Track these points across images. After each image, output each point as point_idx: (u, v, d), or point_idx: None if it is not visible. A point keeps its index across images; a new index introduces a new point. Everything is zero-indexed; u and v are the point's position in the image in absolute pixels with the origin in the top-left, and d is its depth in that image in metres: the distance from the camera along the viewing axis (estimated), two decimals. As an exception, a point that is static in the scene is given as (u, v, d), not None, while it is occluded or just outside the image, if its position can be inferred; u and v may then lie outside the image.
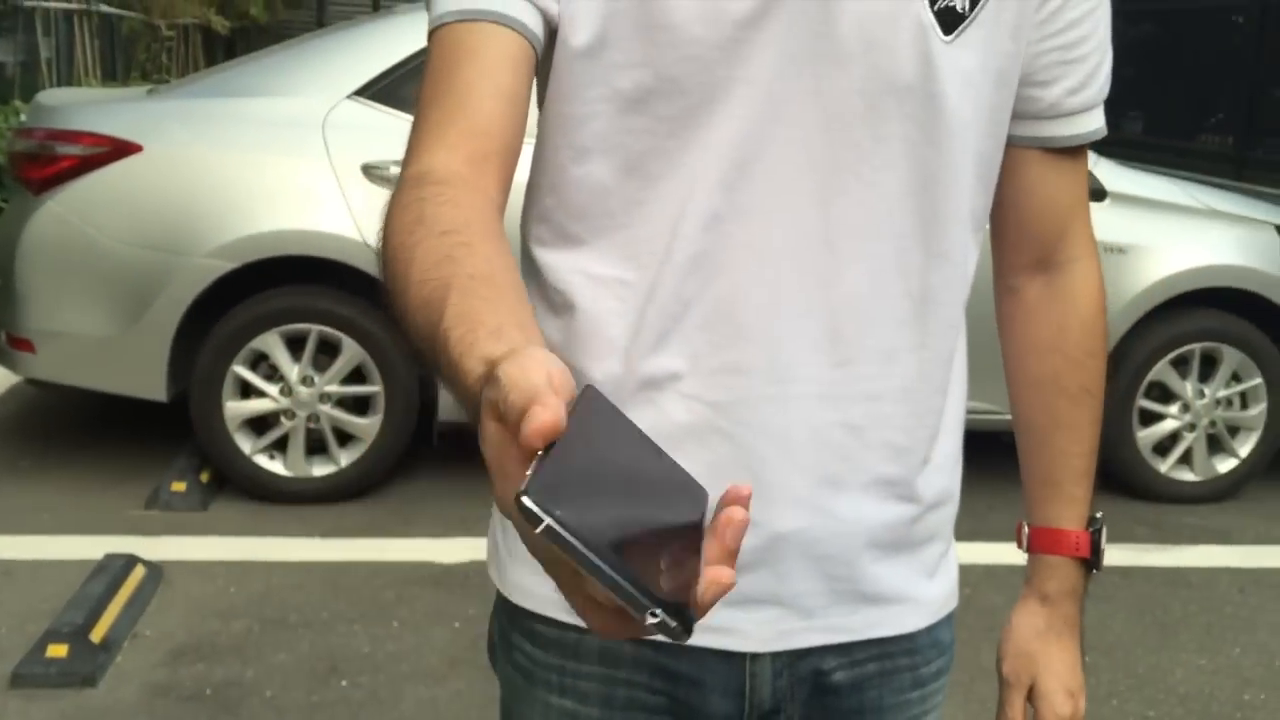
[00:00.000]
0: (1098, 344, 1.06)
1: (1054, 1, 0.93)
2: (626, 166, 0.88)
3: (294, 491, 3.74)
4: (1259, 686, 2.95)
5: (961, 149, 0.91)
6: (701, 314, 0.89)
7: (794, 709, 0.97)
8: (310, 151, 3.64)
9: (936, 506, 0.99)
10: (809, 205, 0.88)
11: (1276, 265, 4.06)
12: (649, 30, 0.85)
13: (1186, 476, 4.11)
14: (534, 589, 0.97)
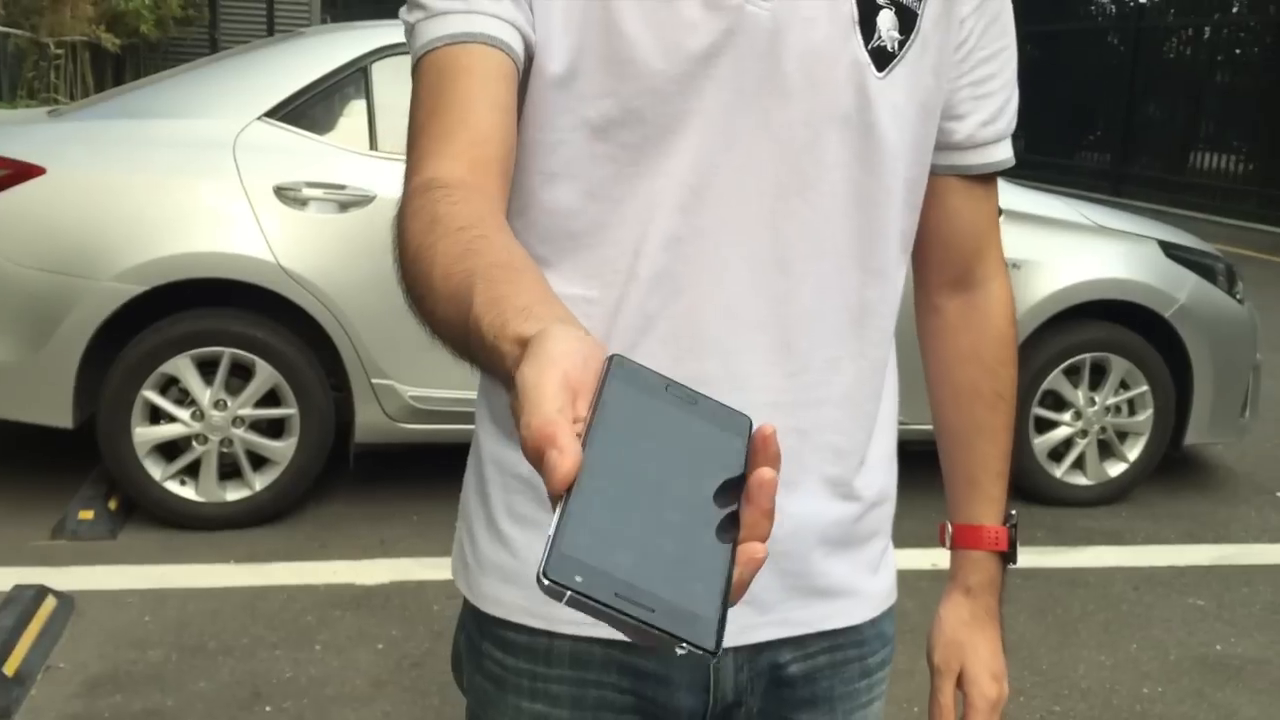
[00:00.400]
0: (1010, 354, 1.15)
1: (969, 43, 1.02)
2: (591, 191, 0.94)
3: (207, 517, 3.69)
4: (1156, 680, 3.10)
5: (893, 175, 0.99)
6: (664, 329, 0.95)
7: (753, 701, 1.03)
8: (221, 173, 3.61)
9: (877, 504, 1.07)
10: (760, 227, 0.94)
11: (1158, 278, 4.27)
12: (614, 64, 0.91)
13: (1080, 481, 4.28)
14: (503, 597, 1.01)
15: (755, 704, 1.04)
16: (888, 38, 0.95)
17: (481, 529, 1.04)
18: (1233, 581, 3.73)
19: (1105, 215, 4.51)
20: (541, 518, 0.99)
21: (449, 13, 0.89)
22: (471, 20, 0.89)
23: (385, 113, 3.79)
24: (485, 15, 0.89)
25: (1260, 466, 4.85)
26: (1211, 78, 14.11)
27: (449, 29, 0.89)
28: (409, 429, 3.78)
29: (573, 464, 0.54)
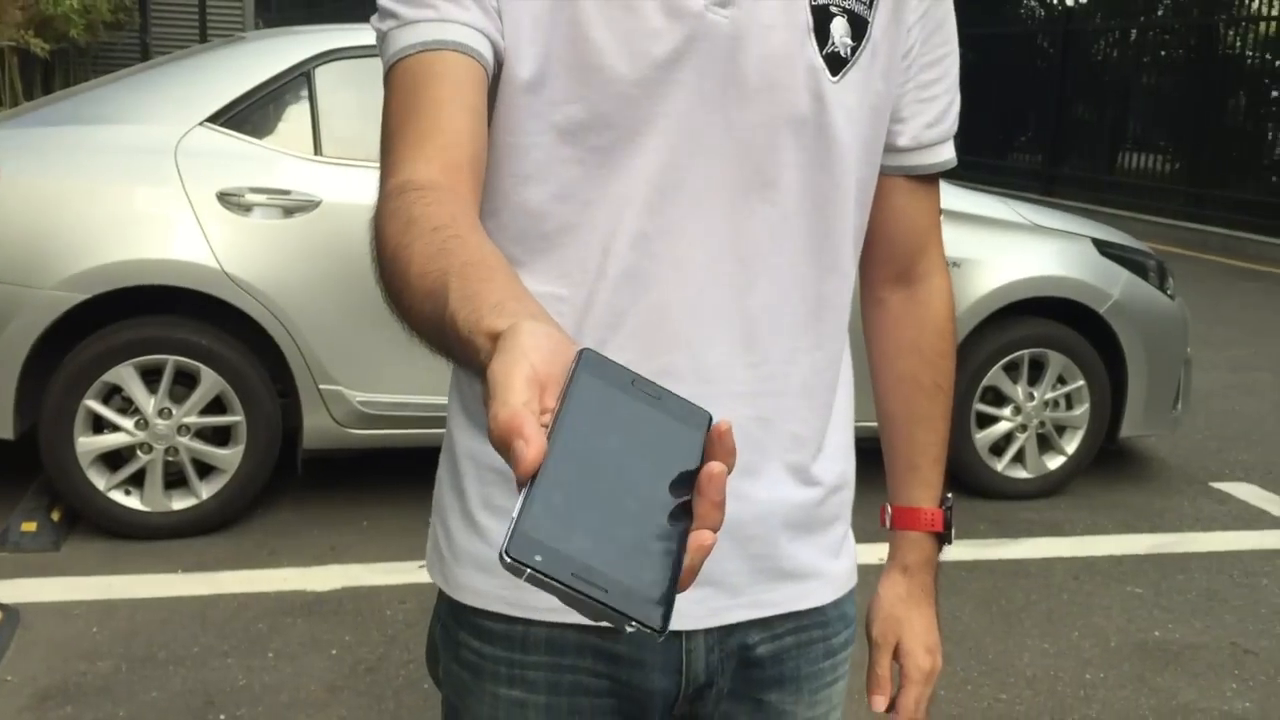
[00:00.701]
0: (949, 346, 1.20)
1: (914, 50, 1.07)
2: (561, 193, 0.97)
3: (153, 526, 3.65)
4: (1098, 666, 3.18)
5: (846, 174, 1.03)
6: (632, 325, 0.98)
7: (724, 681, 1.07)
8: (163, 179, 3.58)
9: (837, 490, 1.11)
10: (723, 224, 0.98)
11: (1093, 275, 4.37)
12: (581, 70, 0.94)
13: (1020, 474, 4.38)
14: (480, 587, 1.04)
15: (726, 684, 1.07)
16: (841, 44, 0.99)
17: (457, 521, 1.06)
18: (1169, 569, 3.83)
19: (1041, 214, 4.61)
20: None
21: (421, 21, 0.92)
22: (443, 28, 0.91)
23: (329, 117, 3.78)
24: (456, 23, 0.92)
25: (1192, 457, 4.99)
26: (1138, 79, 14.42)
27: (421, 36, 0.92)
28: (357, 434, 3.77)
29: (537, 453, 0.58)
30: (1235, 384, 6.26)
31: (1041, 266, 4.31)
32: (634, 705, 1.05)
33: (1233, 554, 3.98)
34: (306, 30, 3.97)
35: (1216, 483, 4.69)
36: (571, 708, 1.03)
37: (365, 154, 3.76)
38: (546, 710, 1.03)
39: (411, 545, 3.67)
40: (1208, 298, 8.26)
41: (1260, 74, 12.71)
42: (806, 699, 1.11)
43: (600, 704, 1.04)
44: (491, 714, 1.04)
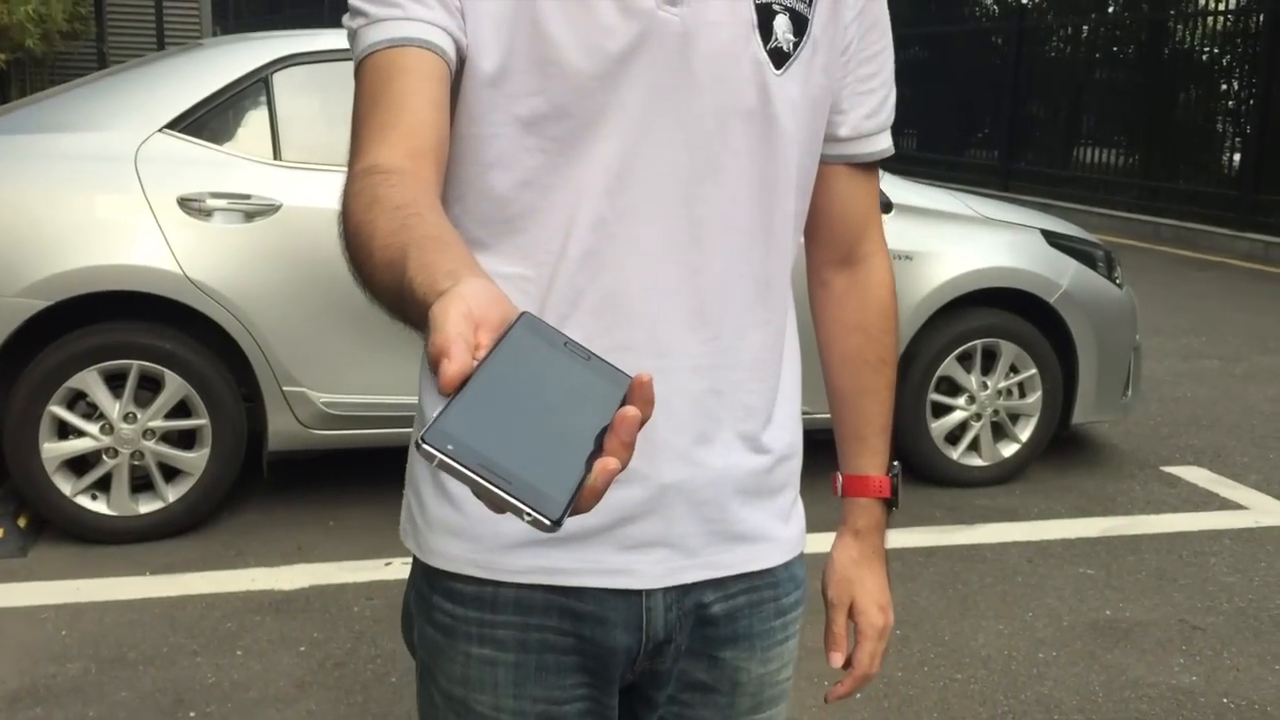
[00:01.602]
0: (891, 323, 1.28)
1: (853, 45, 1.15)
2: (523, 180, 1.04)
3: (120, 530, 3.68)
4: (1051, 645, 3.27)
5: (789, 161, 1.10)
6: (592, 302, 1.04)
7: (682, 639, 1.14)
8: (123, 186, 3.61)
9: (785, 459, 1.18)
10: (676, 208, 1.05)
11: (1042, 265, 4.47)
12: (541, 65, 1.01)
13: (975, 462, 4.47)
14: (451, 551, 1.10)
15: (684, 641, 1.14)
16: (783, 39, 1.06)
17: (429, 490, 1.12)
18: (1120, 551, 3.94)
19: (991, 207, 4.71)
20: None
21: (388, 19, 0.99)
22: (408, 26, 0.98)
23: (288, 122, 3.82)
24: (420, 22, 0.99)
25: (1143, 443, 5.11)
26: (1091, 75, 14.62)
27: (388, 34, 0.98)
28: (322, 435, 3.81)
29: (459, 369, 0.65)
30: (1186, 371, 6.40)
31: (992, 258, 4.40)
32: (597, 661, 1.11)
33: (1182, 535, 4.09)
34: (264, 36, 4.01)
35: (1167, 467, 4.80)
36: (539, 664, 1.09)
37: (325, 158, 3.80)
38: (515, 667, 1.09)
39: (377, 543, 3.72)
40: (1161, 288, 8.41)
41: (1210, 68, 12.93)
42: (759, 656, 1.17)
43: (566, 660, 1.10)
44: (463, 672, 1.10)
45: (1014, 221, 4.61)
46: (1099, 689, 3.03)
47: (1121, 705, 2.96)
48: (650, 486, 1.07)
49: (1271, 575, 3.77)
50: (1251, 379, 6.29)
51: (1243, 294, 9.00)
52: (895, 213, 4.25)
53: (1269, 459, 4.95)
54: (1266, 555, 3.93)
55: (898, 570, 3.69)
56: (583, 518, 1.05)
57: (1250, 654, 3.24)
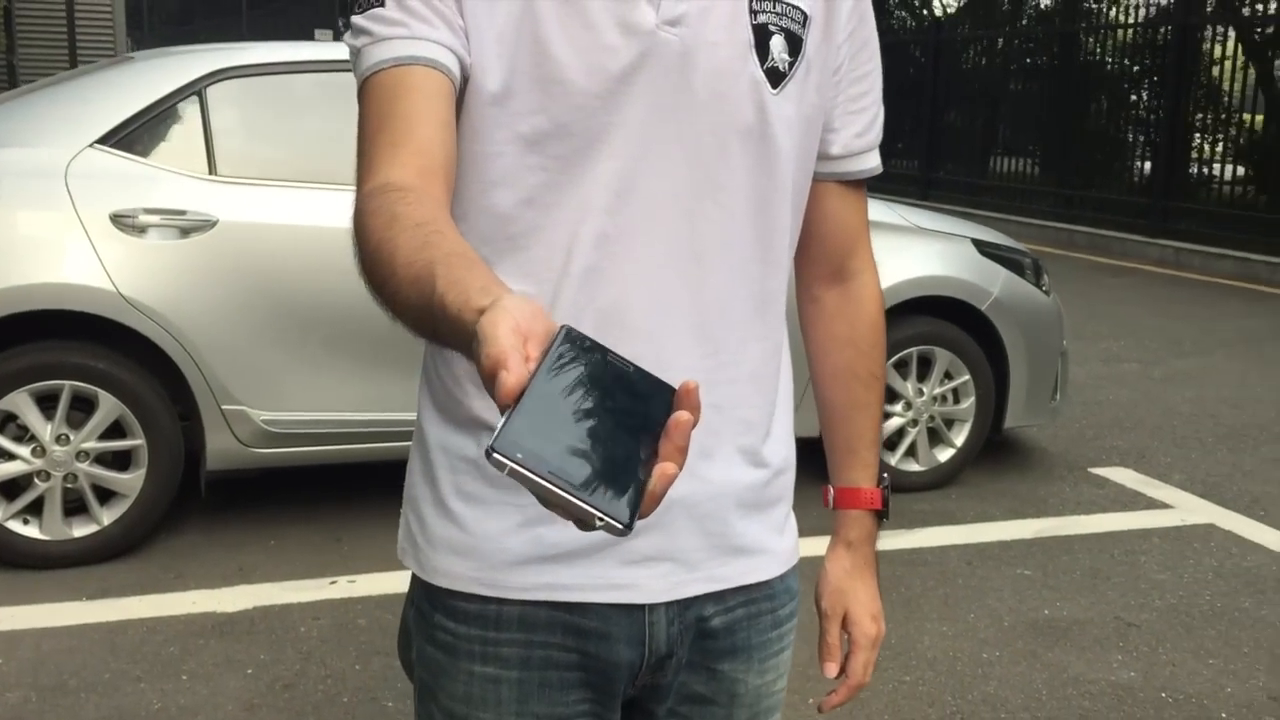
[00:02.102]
0: (880, 338, 1.30)
1: (844, 66, 1.17)
2: (527, 198, 1.05)
3: (53, 555, 3.59)
4: (993, 645, 3.33)
5: (785, 178, 1.12)
6: (595, 319, 1.05)
7: (682, 652, 1.15)
8: (54, 203, 3.53)
9: (782, 472, 1.20)
10: (677, 225, 1.06)
11: (974, 274, 4.57)
12: (544, 84, 1.02)
13: (913, 467, 4.54)
14: (454, 569, 1.10)
15: (684, 655, 1.15)
16: (779, 59, 1.08)
17: (430, 509, 1.12)
18: (1054, 551, 4.03)
19: (923, 217, 4.80)
20: (489, 495, 1.08)
21: (393, 38, 0.99)
22: (414, 45, 0.99)
23: (223, 137, 3.77)
24: (426, 40, 0.99)
25: (1072, 445, 5.23)
26: (1006, 86, 14.95)
27: (394, 52, 0.99)
28: (263, 453, 3.76)
29: (518, 380, 0.66)
30: (1107, 375, 6.57)
31: (926, 267, 4.48)
32: (600, 677, 1.12)
33: (1112, 534, 4.20)
34: (198, 49, 3.95)
35: (1095, 468, 4.93)
36: (542, 681, 1.10)
37: (260, 173, 3.76)
38: (519, 684, 1.09)
39: (321, 562, 3.67)
40: (1078, 294, 8.63)
41: (1120, 79, 13.30)
42: (756, 667, 1.19)
43: (569, 677, 1.10)
44: (466, 691, 1.10)
45: (946, 231, 4.70)
46: (1042, 687, 3.10)
47: (1065, 702, 3.03)
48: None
49: (1200, 571, 3.88)
50: (1170, 381, 6.48)
51: (1157, 299, 9.26)
52: (831, 223, 4.30)
53: (1190, 459, 5.10)
54: (1194, 552, 4.05)
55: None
56: (585, 534, 1.06)
57: (1184, 649, 3.33)
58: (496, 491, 1.08)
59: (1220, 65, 12.01)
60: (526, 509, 1.07)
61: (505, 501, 1.08)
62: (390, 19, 1.00)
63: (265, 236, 3.67)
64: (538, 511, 1.07)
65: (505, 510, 1.08)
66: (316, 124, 3.93)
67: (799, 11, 1.10)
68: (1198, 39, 12.05)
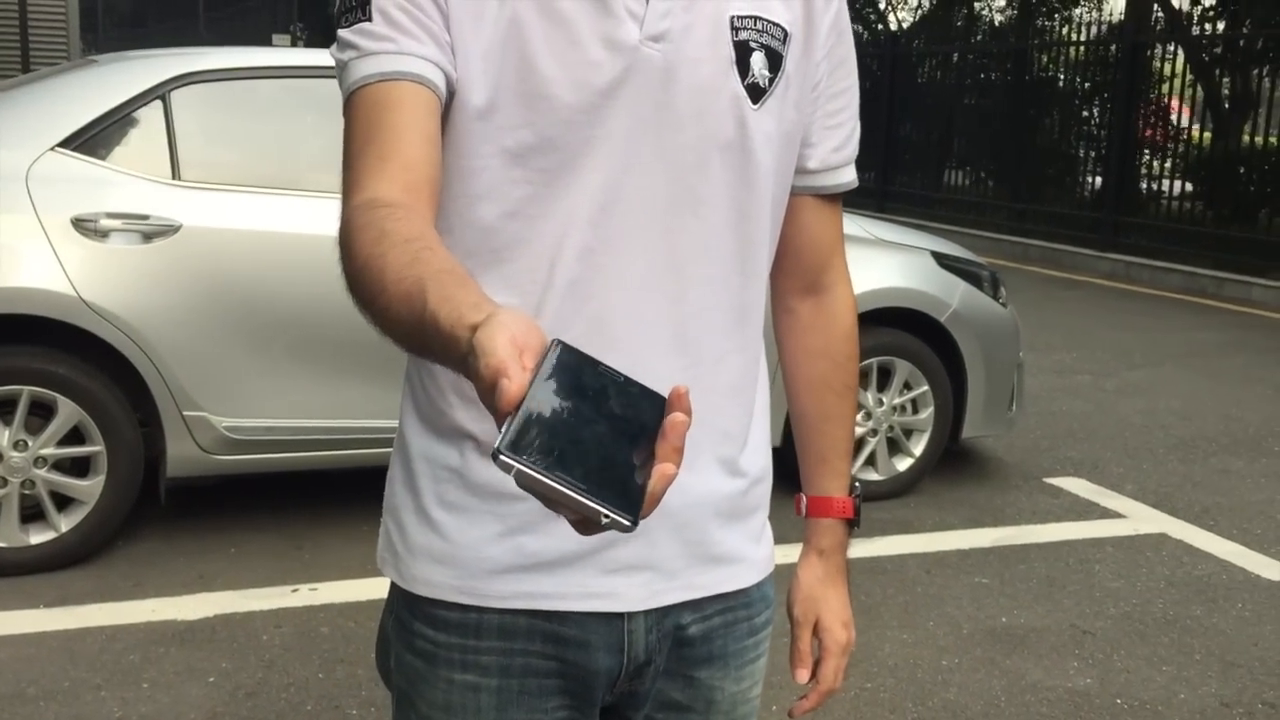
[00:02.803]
0: (854, 349, 1.32)
1: (821, 83, 1.19)
2: (511, 211, 1.06)
3: (9, 563, 3.54)
4: (952, 653, 3.38)
5: (764, 192, 1.14)
6: (577, 331, 1.06)
7: (660, 660, 1.16)
8: (14, 206, 3.49)
9: (759, 481, 1.22)
10: (658, 238, 1.08)
11: (934, 286, 4.63)
12: (529, 99, 1.04)
13: (873, 476, 4.59)
14: (434, 578, 1.11)
15: (662, 662, 1.17)
16: (760, 75, 1.10)
17: (411, 518, 1.13)
18: (1011, 560, 4.09)
19: (883, 229, 4.86)
20: (471, 504, 1.10)
21: (380, 53, 1.00)
22: (400, 60, 1.00)
23: (186, 141, 3.74)
24: (413, 56, 1.00)
25: (1028, 455, 5.31)
26: (960, 100, 15.14)
27: (380, 67, 1.00)
28: (223, 460, 3.73)
29: (519, 388, 0.69)
30: (1060, 386, 6.67)
31: (887, 279, 4.53)
32: (579, 684, 1.13)
33: (1067, 543, 4.27)
34: (161, 53, 3.93)
35: (1049, 478, 5.00)
36: (522, 688, 1.11)
37: (224, 178, 3.74)
38: (498, 692, 1.10)
39: (282, 569, 3.65)
40: (1031, 306, 8.74)
41: (1071, 95, 13.51)
42: (733, 674, 1.20)
43: (548, 684, 1.12)
44: (445, 699, 1.11)
45: (905, 243, 4.76)
46: (1001, 694, 3.15)
47: (1023, 709, 3.08)
48: None
49: (1152, 580, 3.96)
50: (1122, 393, 6.59)
51: (1109, 311, 9.41)
52: (793, 234, 4.35)
53: (1142, 469, 5.19)
54: (1146, 561, 4.12)
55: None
56: (565, 543, 1.08)
57: (1138, 656, 3.40)
58: (479, 500, 1.09)
59: (1169, 82, 12.23)
60: (508, 518, 1.09)
61: (487, 511, 1.09)
62: (377, 34, 1.00)
63: (228, 242, 3.65)
64: (519, 521, 1.08)
65: (486, 519, 1.09)
66: (280, 129, 3.91)
67: (779, 29, 1.12)
68: (1147, 56, 12.27)
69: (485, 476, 1.09)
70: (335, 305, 1.27)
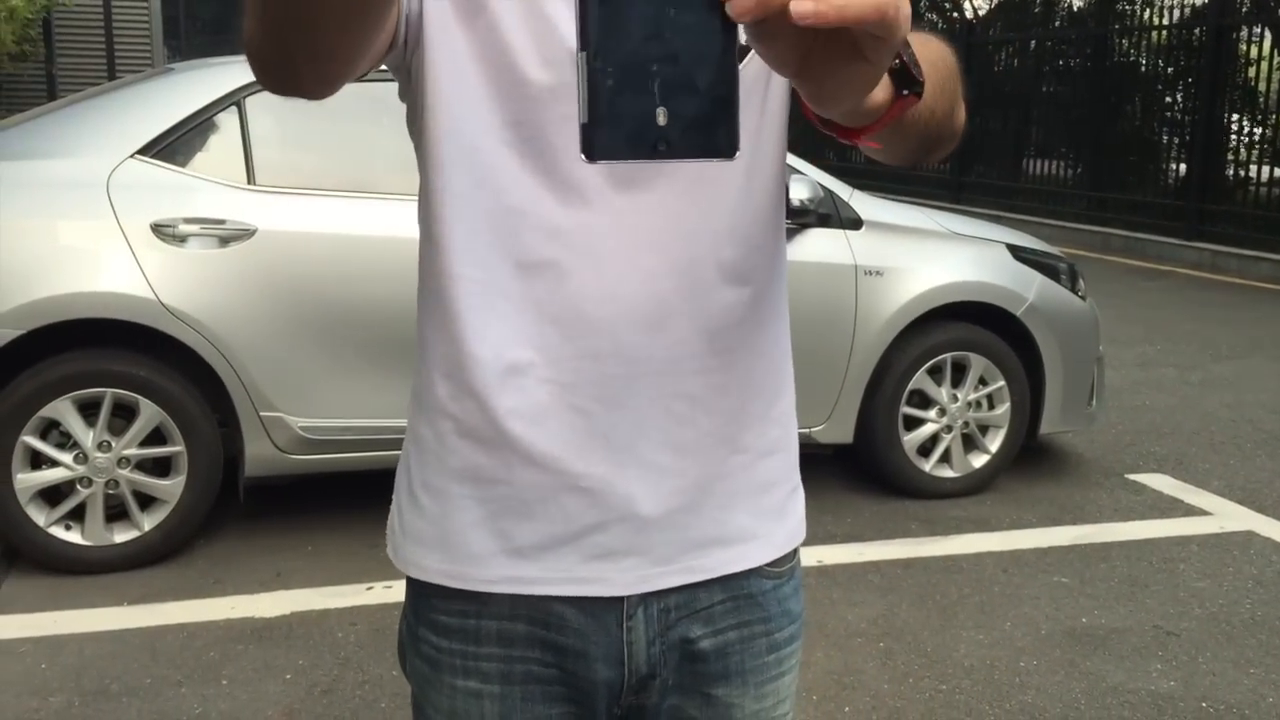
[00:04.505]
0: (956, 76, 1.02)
1: None
2: (479, 180, 1.03)
3: (95, 561, 3.63)
4: (1031, 654, 3.31)
5: (738, 161, 1.06)
6: (553, 311, 1.03)
7: (668, 674, 1.12)
8: (96, 213, 3.57)
9: (770, 454, 1.14)
10: (632, 215, 1.03)
11: (1009, 279, 4.55)
12: (500, 78, 1.01)
13: (948, 474, 4.52)
14: (424, 561, 1.10)
15: (670, 677, 1.13)
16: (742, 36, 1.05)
17: (405, 500, 1.13)
18: (1091, 558, 4.00)
19: (957, 222, 4.78)
20: (450, 488, 1.08)
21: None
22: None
23: (261, 146, 3.80)
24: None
25: (1108, 451, 5.19)
26: (1039, 88, 14.86)
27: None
28: (300, 460, 3.79)
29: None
30: (1144, 380, 6.52)
31: (961, 273, 4.46)
32: (581, 694, 1.11)
33: (1150, 542, 4.17)
34: (237, 60, 3.99)
35: (1132, 475, 4.89)
36: (524, 695, 1.10)
37: (298, 182, 3.80)
38: (500, 699, 1.09)
39: (357, 569, 3.70)
40: (1113, 298, 8.56)
41: (1153, 80, 13.19)
42: (753, 692, 1.16)
43: (551, 691, 1.10)
44: (450, 704, 1.11)
45: (980, 236, 4.68)
46: (1081, 696, 3.08)
47: (1104, 712, 3.01)
48: (617, 494, 1.06)
49: (1240, 579, 3.85)
50: (1208, 386, 6.42)
51: (1193, 303, 9.18)
52: (865, 229, 4.30)
53: (1229, 465, 5.05)
54: (1233, 560, 4.01)
55: (877, 583, 3.73)
56: (550, 527, 1.06)
57: (1224, 658, 3.30)
58: (458, 485, 1.07)
59: (1256, 66, 11.88)
60: (488, 503, 1.07)
61: (466, 495, 1.07)
62: None
63: (303, 245, 3.70)
64: (500, 505, 1.06)
65: (468, 504, 1.07)
66: (353, 133, 3.96)
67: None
68: (1233, 39, 11.93)
69: (462, 460, 1.07)
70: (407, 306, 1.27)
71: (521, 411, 1.04)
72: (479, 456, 1.06)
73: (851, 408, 4.30)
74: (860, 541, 4.03)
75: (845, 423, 4.30)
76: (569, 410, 1.04)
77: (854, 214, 4.29)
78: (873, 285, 4.27)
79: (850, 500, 4.40)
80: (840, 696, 3.03)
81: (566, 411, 1.04)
